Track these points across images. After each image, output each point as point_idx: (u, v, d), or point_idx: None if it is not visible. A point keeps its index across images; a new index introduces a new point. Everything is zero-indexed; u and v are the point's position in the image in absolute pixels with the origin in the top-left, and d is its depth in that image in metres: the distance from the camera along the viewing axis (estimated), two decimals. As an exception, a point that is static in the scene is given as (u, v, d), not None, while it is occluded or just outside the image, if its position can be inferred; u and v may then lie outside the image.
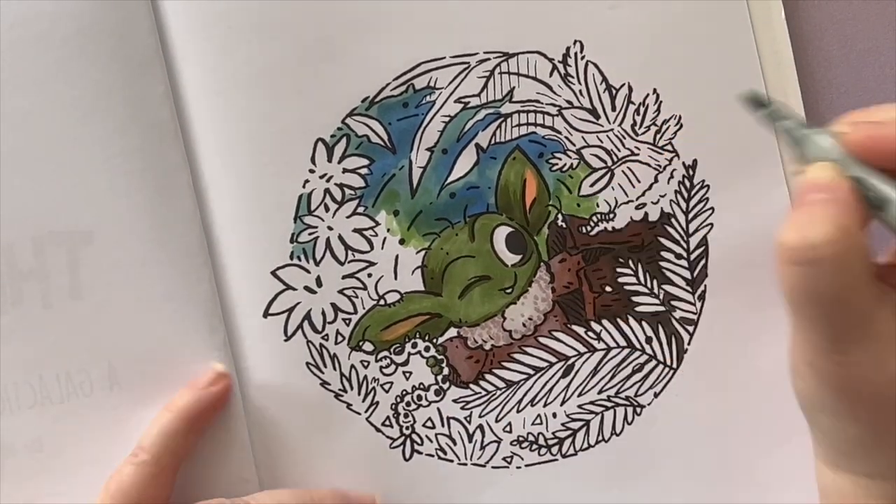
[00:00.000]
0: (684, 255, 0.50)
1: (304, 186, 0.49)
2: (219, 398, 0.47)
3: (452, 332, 0.49)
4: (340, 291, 0.49)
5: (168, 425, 0.46)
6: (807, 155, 0.38)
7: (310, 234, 0.49)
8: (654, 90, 0.49)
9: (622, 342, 0.50)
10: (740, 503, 0.50)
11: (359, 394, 0.49)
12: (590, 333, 0.50)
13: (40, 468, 0.47)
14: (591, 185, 0.50)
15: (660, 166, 0.50)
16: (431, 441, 0.49)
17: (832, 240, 0.35)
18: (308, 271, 0.49)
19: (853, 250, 0.36)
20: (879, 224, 0.37)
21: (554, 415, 0.50)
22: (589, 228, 0.50)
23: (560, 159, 0.50)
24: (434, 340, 0.49)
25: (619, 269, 0.50)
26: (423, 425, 0.49)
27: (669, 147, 0.50)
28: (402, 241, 0.49)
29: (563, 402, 0.50)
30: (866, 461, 0.39)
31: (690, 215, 0.50)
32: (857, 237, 0.36)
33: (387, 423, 0.49)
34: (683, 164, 0.50)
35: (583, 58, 0.49)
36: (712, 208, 0.50)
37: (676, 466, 0.50)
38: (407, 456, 0.49)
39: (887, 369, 0.36)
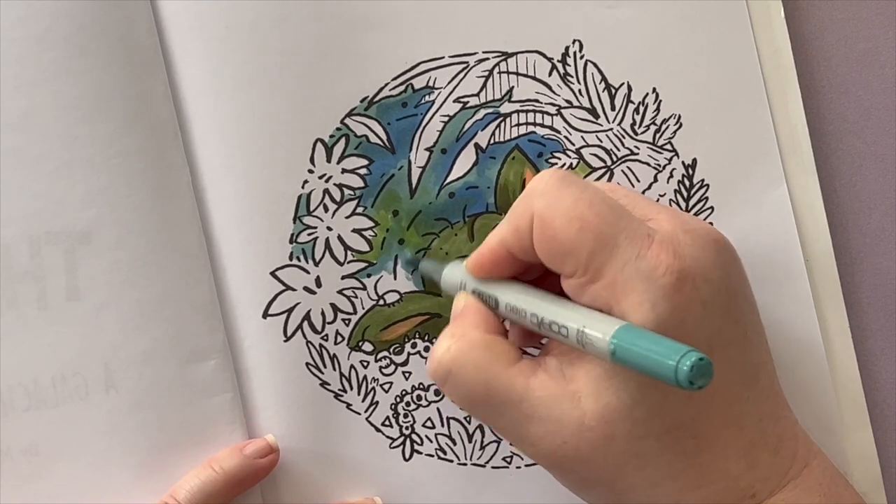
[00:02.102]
0: (684, 254, 0.50)
1: (303, 187, 0.48)
2: (264, 470, 0.47)
3: (452, 332, 0.49)
4: (340, 292, 0.49)
5: (211, 484, 0.46)
6: (448, 289, 0.46)
7: (309, 234, 0.48)
8: (654, 89, 0.49)
9: (622, 342, 0.50)
10: (740, 502, 0.50)
11: (358, 394, 0.49)
12: (589, 333, 0.50)
13: (36, 472, 0.47)
14: (591, 185, 0.50)
15: (659, 166, 0.50)
16: (431, 441, 0.49)
17: (446, 348, 0.41)
18: (307, 272, 0.48)
19: (471, 348, 0.41)
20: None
21: (554, 415, 0.50)
22: (588, 228, 0.50)
23: (559, 159, 0.50)
24: (433, 340, 0.49)
25: (618, 269, 0.50)
26: (423, 425, 0.49)
27: (669, 146, 0.50)
28: (401, 241, 0.49)
29: (563, 402, 0.50)
30: None
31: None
32: (471, 336, 0.41)
33: (386, 423, 0.49)
34: (683, 163, 0.50)
35: (582, 57, 0.49)
36: (712, 207, 0.50)
37: (676, 466, 0.50)
38: (407, 456, 0.49)
39: (567, 426, 0.39)
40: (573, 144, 0.50)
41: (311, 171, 0.48)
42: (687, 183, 0.50)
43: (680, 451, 0.39)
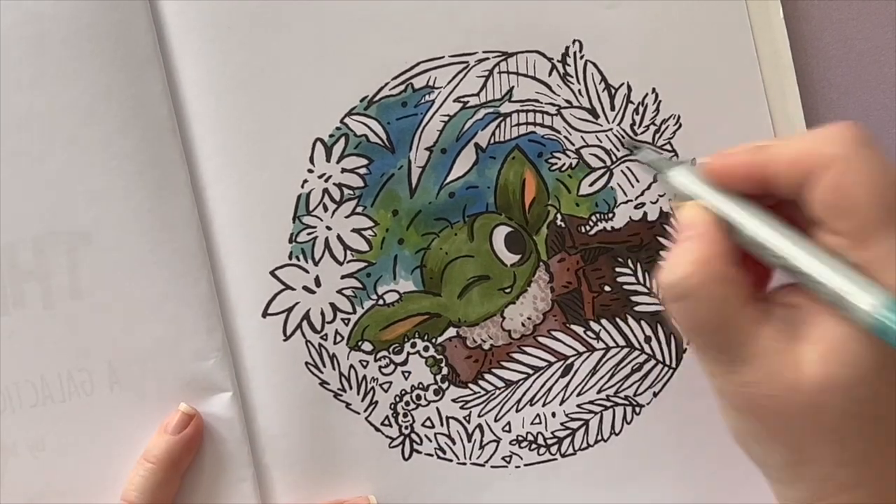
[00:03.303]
0: (683, 254, 0.50)
1: (302, 186, 0.49)
2: (193, 440, 0.48)
3: (451, 331, 0.49)
4: (339, 291, 0.49)
5: (152, 477, 0.47)
6: (674, 190, 0.42)
7: (308, 233, 0.49)
8: (653, 90, 0.49)
9: (621, 342, 0.50)
10: (739, 503, 0.50)
11: (358, 393, 0.49)
12: (589, 333, 0.50)
13: (42, 467, 0.48)
14: (590, 185, 0.50)
15: (659, 166, 0.50)
16: (430, 440, 0.49)
17: (689, 273, 0.39)
18: (307, 271, 0.49)
19: (712, 281, 0.39)
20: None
21: (553, 414, 0.50)
22: (588, 228, 0.50)
23: (559, 159, 0.50)
24: (433, 340, 0.49)
25: (617, 269, 0.50)
26: (423, 425, 0.49)
27: (668, 147, 0.50)
28: (400, 241, 0.49)
29: (562, 402, 0.50)
30: (804, 486, 0.40)
31: (689, 215, 0.50)
32: (715, 267, 0.39)
33: (386, 422, 0.49)
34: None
35: (582, 57, 0.49)
36: (711, 208, 0.50)
37: (675, 466, 0.50)
38: (406, 455, 0.49)
39: (781, 382, 0.38)
40: (573, 144, 0.49)
41: (310, 171, 0.49)
42: (686, 183, 0.50)
43: (885, 439, 0.38)
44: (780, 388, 0.38)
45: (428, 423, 0.49)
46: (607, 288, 0.50)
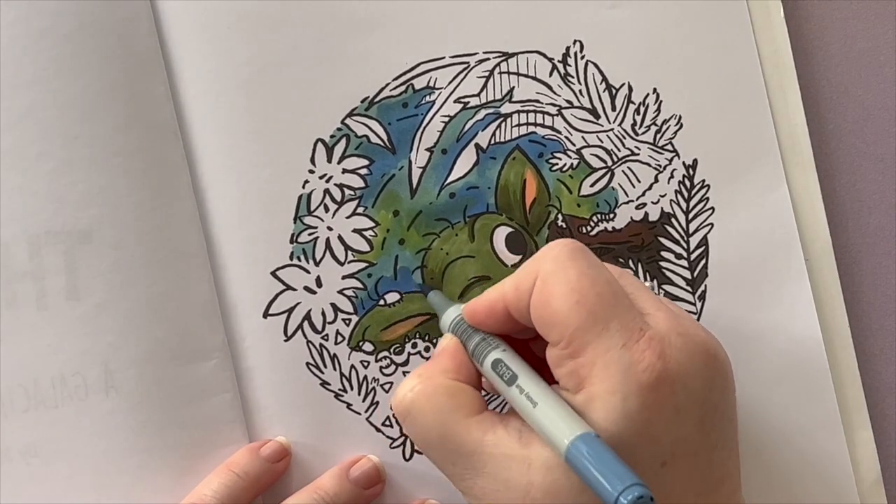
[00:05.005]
0: (684, 255, 0.50)
1: (303, 187, 0.48)
2: (280, 475, 0.48)
3: (452, 332, 0.49)
4: (340, 292, 0.49)
5: (234, 486, 0.46)
6: (444, 328, 0.45)
7: (309, 234, 0.48)
8: (654, 90, 0.50)
9: (622, 342, 0.50)
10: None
11: (359, 394, 0.49)
12: (590, 333, 0.50)
13: (35, 474, 0.47)
14: (592, 185, 0.50)
15: (660, 166, 0.50)
16: (432, 442, 0.49)
17: (412, 387, 0.41)
18: (308, 272, 0.48)
19: (434, 391, 0.41)
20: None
21: (554, 415, 0.50)
22: (589, 228, 0.50)
23: (560, 159, 0.50)
24: (434, 340, 0.49)
25: (619, 269, 0.50)
26: (424, 426, 0.49)
27: (669, 147, 0.50)
28: (401, 242, 0.49)
29: (563, 403, 0.50)
30: None
31: (691, 215, 0.50)
32: (437, 380, 0.41)
33: (387, 423, 0.49)
34: (684, 163, 0.50)
35: (583, 57, 0.49)
36: (712, 208, 0.50)
37: (677, 466, 0.50)
38: (407, 456, 0.49)
39: (515, 489, 0.39)
40: (574, 145, 0.50)
41: (311, 171, 0.48)
42: (688, 183, 0.50)
43: None
44: (514, 495, 0.39)
45: (429, 425, 0.49)
46: (608, 288, 0.50)
